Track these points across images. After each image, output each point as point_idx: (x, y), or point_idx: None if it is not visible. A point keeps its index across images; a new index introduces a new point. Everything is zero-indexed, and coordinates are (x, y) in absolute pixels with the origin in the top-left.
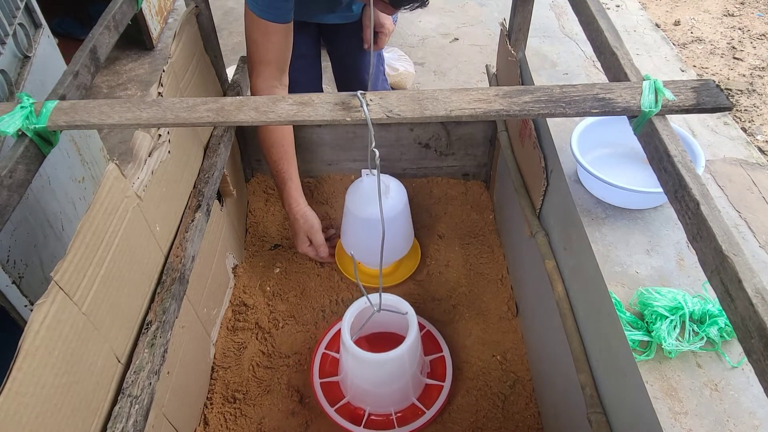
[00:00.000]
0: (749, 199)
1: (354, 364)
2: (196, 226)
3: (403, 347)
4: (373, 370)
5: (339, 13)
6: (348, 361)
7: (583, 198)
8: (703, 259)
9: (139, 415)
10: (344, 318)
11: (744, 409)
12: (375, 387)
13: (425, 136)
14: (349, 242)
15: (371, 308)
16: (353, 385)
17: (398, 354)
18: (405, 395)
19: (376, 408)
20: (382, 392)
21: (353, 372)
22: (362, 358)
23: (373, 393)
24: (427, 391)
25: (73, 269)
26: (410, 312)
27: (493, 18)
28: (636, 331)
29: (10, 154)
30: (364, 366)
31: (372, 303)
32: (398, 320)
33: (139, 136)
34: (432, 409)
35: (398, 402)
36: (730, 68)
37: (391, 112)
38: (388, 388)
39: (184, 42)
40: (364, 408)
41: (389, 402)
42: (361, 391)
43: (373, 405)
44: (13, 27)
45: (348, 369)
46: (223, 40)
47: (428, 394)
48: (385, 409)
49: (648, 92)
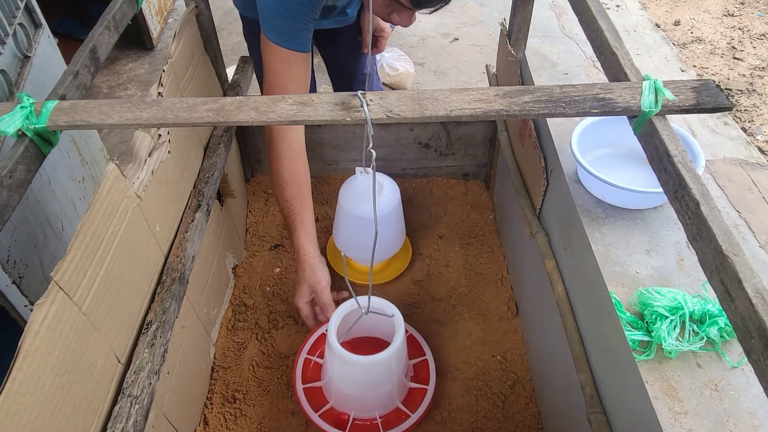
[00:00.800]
0: (749, 199)
1: (340, 368)
2: (196, 226)
3: (391, 350)
4: (360, 373)
5: (333, 18)
6: (334, 365)
7: (583, 198)
8: (703, 259)
9: (139, 415)
10: (331, 321)
11: (744, 409)
12: (361, 390)
13: (425, 136)
14: (342, 239)
15: (358, 311)
16: (338, 390)
17: (386, 356)
18: (391, 399)
19: (361, 413)
20: (367, 396)
21: (339, 376)
22: (350, 361)
23: (359, 397)
24: (411, 395)
25: (73, 269)
26: (397, 315)
27: (493, 18)
28: (636, 331)
29: (10, 154)
30: (351, 369)
31: (360, 305)
32: (383, 324)
33: (139, 136)
34: (416, 413)
35: (384, 406)
36: (730, 68)
37: (391, 112)
38: (374, 392)
39: (184, 42)
40: (348, 413)
41: (374, 406)
42: (346, 396)
43: (358, 409)
44: (13, 27)
45: (333, 373)
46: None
47: (412, 399)
48: (370, 413)
49: (648, 92)
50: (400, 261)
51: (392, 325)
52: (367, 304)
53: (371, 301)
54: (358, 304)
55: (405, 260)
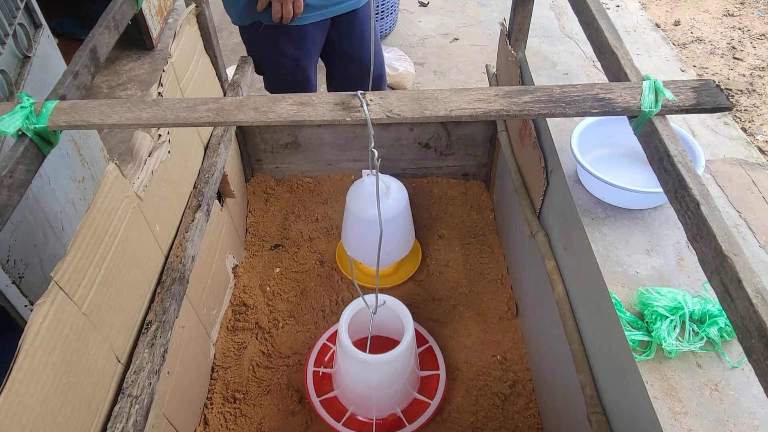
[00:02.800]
0: (749, 199)
1: (358, 371)
2: (196, 226)
3: (404, 343)
4: (378, 372)
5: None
6: (350, 370)
7: (583, 198)
8: (703, 259)
9: (139, 415)
10: (341, 320)
11: (744, 409)
12: (380, 389)
13: (425, 136)
14: (350, 242)
15: (367, 310)
16: (355, 394)
17: (401, 350)
18: (407, 392)
19: (382, 411)
20: (387, 393)
21: (356, 379)
22: (368, 362)
23: (378, 396)
24: (424, 384)
25: (73, 269)
26: (403, 308)
27: (493, 18)
28: (636, 331)
29: (10, 154)
30: (369, 370)
31: (368, 305)
32: (384, 321)
33: (139, 136)
34: (436, 399)
35: (402, 400)
36: (730, 68)
37: (391, 112)
38: (392, 388)
39: (184, 42)
40: (370, 415)
41: (394, 402)
42: (365, 398)
43: (379, 408)
44: (13, 27)
45: (349, 378)
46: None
47: (427, 387)
48: (390, 410)
49: (648, 92)
50: (409, 265)
51: (393, 321)
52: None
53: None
54: (366, 304)
55: (415, 263)
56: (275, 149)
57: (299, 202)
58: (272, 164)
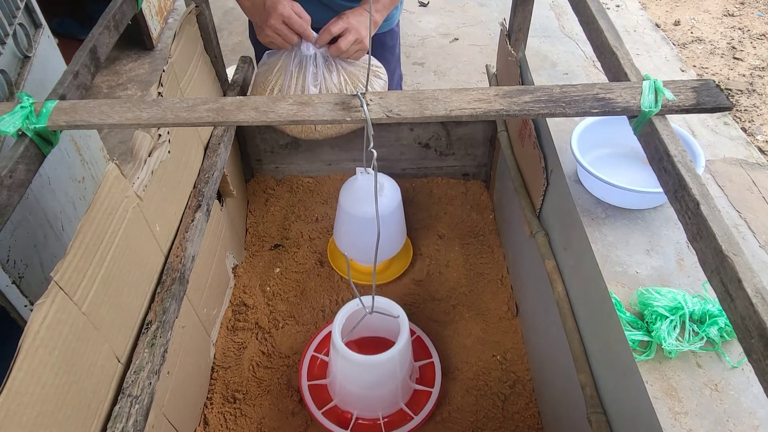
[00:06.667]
0: (749, 199)
1: (344, 367)
2: (196, 226)
3: (394, 351)
4: (363, 372)
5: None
6: (338, 364)
7: (583, 198)
8: (703, 259)
9: (139, 415)
10: (335, 320)
11: (744, 409)
12: (364, 390)
13: (425, 136)
14: (343, 240)
15: (363, 310)
16: (342, 388)
17: (389, 357)
18: (394, 400)
19: (364, 412)
20: (371, 395)
21: (342, 374)
22: (353, 360)
23: (363, 396)
24: (415, 397)
25: (73, 269)
26: (402, 315)
27: (493, 18)
28: (636, 331)
29: (10, 154)
30: (354, 368)
31: (364, 305)
32: (388, 324)
33: (139, 136)
34: (420, 415)
35: (387, 406)
36: (730, 68)
37: (391, 112)
38: (377, 392)
39: (184, 42)
40: (351, 412)
41: (378, 406)
42: (349, 395)
43: (361, 409)
44: (13, 27)
45: (337, 371)
46: (223, 40)
47: (416, 401)
48: (373, 413)
49: (648, 92)
50: (400, 262)
51: (398, 325)
52: (371, 304)
53: (376, 300)
54: (362, 304)
55: (405, 261)
56: (275, 149)
57: (299, 202)
58: (272, 164)
